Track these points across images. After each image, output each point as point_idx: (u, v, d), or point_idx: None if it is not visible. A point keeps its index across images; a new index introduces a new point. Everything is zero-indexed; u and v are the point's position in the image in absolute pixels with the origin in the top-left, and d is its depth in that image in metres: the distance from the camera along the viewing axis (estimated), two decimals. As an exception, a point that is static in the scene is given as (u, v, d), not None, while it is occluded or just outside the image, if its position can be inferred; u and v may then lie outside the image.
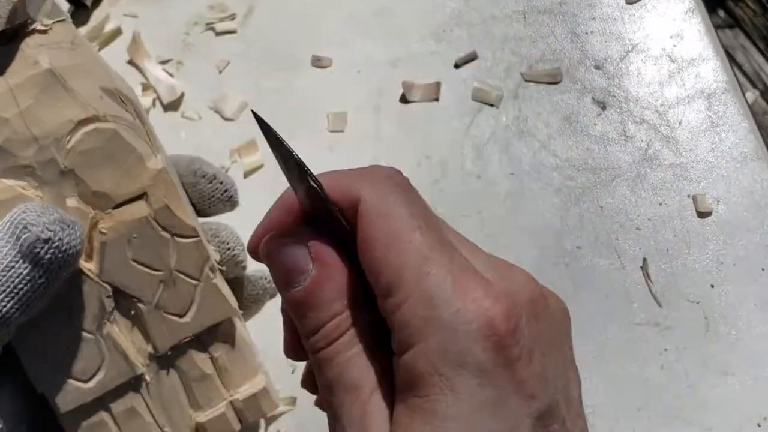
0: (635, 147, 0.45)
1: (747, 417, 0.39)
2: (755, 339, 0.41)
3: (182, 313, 0.28)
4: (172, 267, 0.28)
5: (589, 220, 0.43)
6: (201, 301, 0.28)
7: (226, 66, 0.47)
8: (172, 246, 0.28)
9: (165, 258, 0.28)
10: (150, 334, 0.28)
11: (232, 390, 0.30)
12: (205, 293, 0.28)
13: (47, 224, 0.23)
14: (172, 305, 0.28)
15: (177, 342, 0.28)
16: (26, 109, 0.26)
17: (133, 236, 0.27)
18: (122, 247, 0.27)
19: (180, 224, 0.28)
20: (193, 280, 0.28)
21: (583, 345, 0.40)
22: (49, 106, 0.26)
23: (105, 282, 0.27)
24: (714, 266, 0.42)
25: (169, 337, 0.28)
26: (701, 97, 0.47)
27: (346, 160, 0.45)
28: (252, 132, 0.45)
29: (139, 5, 0.49)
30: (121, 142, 0.27)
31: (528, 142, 0.45)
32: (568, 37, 0.48)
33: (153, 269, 0.28)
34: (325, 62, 0.47)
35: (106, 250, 0.27)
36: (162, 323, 0.28)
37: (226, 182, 0.33)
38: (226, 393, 0.30)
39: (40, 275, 0.24)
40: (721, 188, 0.44)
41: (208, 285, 0.28)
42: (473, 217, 0.43)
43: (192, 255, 0.28)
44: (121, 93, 0.28)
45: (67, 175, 0.26)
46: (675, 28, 0.49)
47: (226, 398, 0.30)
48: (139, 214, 0.27)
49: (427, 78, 0.47)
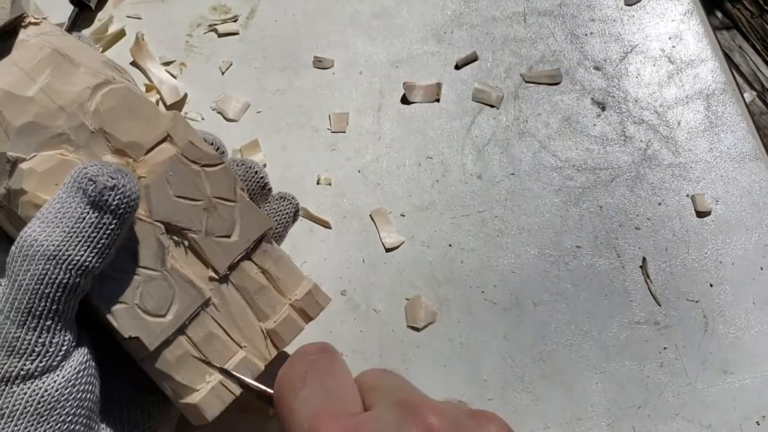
0: (634, 147, 0.46)
1: (746, 415, 0.39)
2: (754, 337, 0.41)
3: (229, 233, 0.31)
4: (210, 194, 0.30)
5: (589, 220, 0.44)
6: (242, 219, 0.31)
7: (228, 67, 0.47)
8: (204, 176, 0.30)
9: (201, 188, 0.30)
10: (207, 259, 0.30)
11: (289, 295, 0.32)
12: (243, 211, 0.31)
13: (110, 174, 0.26)
14: (219, 228, 0.30)
15: (232, 260, 0.31)
16: (46, 85, 0.28)
17: (169, 174, 0.29)
18: (163, 186, 0.29)
19: (206, 155, 0.30)
20: (229, 202, 0.31)
21: (582, 344, 0.41)
22: (65, 79, 0.29)
23: (157, 221, 0.29)
24: (713, 265, 0.43)
25: (225, 258, 0.30)
26: (700, 98, 0.47)
27: (348, 160, 0.45)
28: (254, 132, 0.45)
29: (142, 7, 0.49)
30: (134, 97, 0.30)
31: (528, 142, 0.46)
32: (567, 39, 0.49)
33: (194, 200, 0.30)
34: (327, 63, 0.48)
35: (150, 192, 0.29)
36: (215, 246, 0.30)
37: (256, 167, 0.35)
38: (284, 299, 0.32)
39: (110, 221, 0.26)
40: (720, 188, 0.44)
41: (244, 203, 0.31)
42: (474, 217, 0.44)
43: (223, 180, 0.31)
44: (116, 64, 0.31)
45: (97, 135, 0.29)
46: (674, 30, 0.49)
47: (286, 303, 0.32)
48: (168, 154, 0.30)
49: (428, 79, 0.47)
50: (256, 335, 0.31)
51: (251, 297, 0.31)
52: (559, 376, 0.40)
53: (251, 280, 0.31)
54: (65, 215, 0.25)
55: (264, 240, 0.32)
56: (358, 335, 0.41)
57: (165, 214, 0.29)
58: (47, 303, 0.25)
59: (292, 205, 0.35)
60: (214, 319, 0.30)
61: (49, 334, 0.25)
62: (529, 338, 0.41)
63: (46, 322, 0.25)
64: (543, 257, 0.43)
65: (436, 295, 0.42)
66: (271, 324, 0.31)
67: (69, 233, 0.25)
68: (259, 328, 0.31)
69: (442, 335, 0.41)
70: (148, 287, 0.29)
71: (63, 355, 0.26)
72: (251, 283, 0.31)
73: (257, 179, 0.33)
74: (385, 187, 0.44)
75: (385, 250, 0.43)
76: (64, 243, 0.25)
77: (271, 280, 0.32)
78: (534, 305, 0.42)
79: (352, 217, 0.43)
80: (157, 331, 0.29)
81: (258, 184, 0.34)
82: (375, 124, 0.46)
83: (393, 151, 0.45)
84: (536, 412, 0.39)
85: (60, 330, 0.26)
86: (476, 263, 0.42)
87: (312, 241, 0.43)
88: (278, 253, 0.32)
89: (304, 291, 0.32)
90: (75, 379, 0.26)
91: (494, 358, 0.40)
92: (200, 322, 0.30)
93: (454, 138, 0.46)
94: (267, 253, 0.32)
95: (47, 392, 0.25)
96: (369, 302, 0.41)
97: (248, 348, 0.31)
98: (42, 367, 0.25)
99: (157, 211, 0.29)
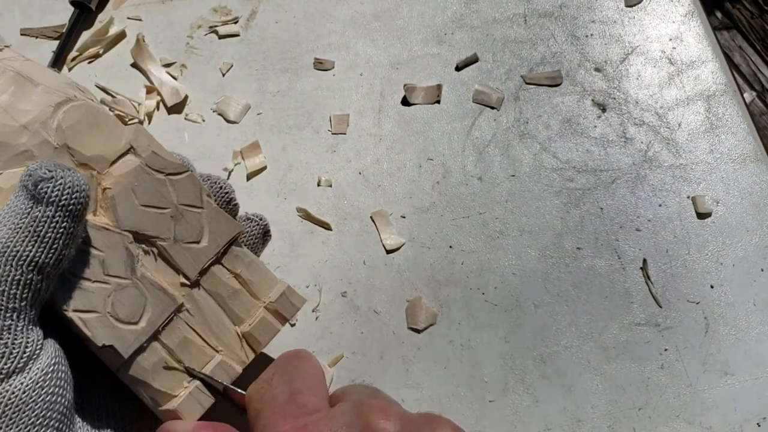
0: (635, 149, 0.46)
1: (747, 417, 0.39)
2: (755, 339, 0.41)
3: (198, 239, 0.31)
4: (176, 202, 0.31)
5: (590, 222, 0.44)
6: (210, 225, 0.31)
7: (229, 69, 0.47)
8: (170, 184, 0.31)
9: (167, 196, 0.31)
10: (177, 265, 0.31)
11: (263, 298, 0.33)
12: (211, 217, 0.32)
13: (47, 167, 0.26)
14: (188, 234, 0.31)
15: (203, 265, 0.31)
16: (8, 105, 0.30)
17: (134, 185, 0.30)
18: (129, 196, 0.30)
19: (170, 164, 0.31)
20: (196, 209, 0.31)
21: (583, 345, 0.41)
22: (27, 99, 0.30)
23: (124, 231, 0.30)
24: (713, 267, 0.43)
25: (195, 263, 0.31)
26: (700, 99, 0.47)
27: (348, 161, 0.45)
28: (255, 134, 0.45)
29: (142, 8, 0.49)
30: (96, 112, 0.31)
31: (528, 144, 0.46)
32: (568, 40, 0.49)
33: (161, 208, 0.31)
34: (328, 65, 0.48)
35: (116, 203, 0.30)
36: (185, 252, 0.31)
37: (222, 183, 0.35)
38: (258, 302, 0.32)
39: (53, 213, 0.26)
40: (721, 189, 0.44)
41: (211, 209, 0.32)
42: (474, 219, 0.44)
43: (189, 187, 0.31)
44: (78, 84, 0.32)
45: (61, 150, 0.30)
46: (674, 31, 0.49)
47: (260, 305, 0.32)
48: (132, 165, 0.30)
49: (429, 80, 0.47)
50: (232, 339, 0.32)
51: (225, 301, 0.32)
52: (560, 377, 0.40)
53: (224, 285, 0.32)
54: (11, 212, 0.26)
55: (234, 245, 0.32)
56: (359, 337, 0.41)
57: (132, 223, 0.30)
58: (3, 301, 0.25)
59: (259, 227, 0.35)
60: (189, 325, 0.31)
61: (11, 334, 0.25)
62: (529, 340, 0.41)
63: (5, 321, 0.25)
64: (544, 259, 0.43)
65: (436, 297, 0.42)
66: (246, 327, 0.32)
67: (15, 229, 0.26)
68: (235, 332, 0.32)
69: (442, 337, 0.41)
70: (119, 295, 0.29)
71: (29, 357, 0.26)
72: (224, 288, 0.32)
73: (222, 194, 0.34)
74: (385, 189, 0.44)
75: (386, 251, 0.43)
76: (11, 239, 0.26)
77: (243, 284, 0.32)
78: (534, 307, 0.42)
79: (353, 219, 0.43)
80: (130, 338, 0.29)
81: (223, 199, 0.34)
82: (375, 125, 0.46)
83: (393, 153, 0.45)
84: (537, 414, 0.39)
85: (22, 330, 0.26)
86: (477, 265, 0.42)
87: (312, 243, 0.43)
88: (250, 257, 0.33)
89: (278, 293, 0.32)
90: (43, 381, 0.26)
91: (495, 360, 0.40)
92: (174, 328, 0.30)
93: (454, 140, 0.46)
94: (238, 257, 0.32)
95: (14, 395, 0.25)
96: (370, 304, 0.41)
97: (224, 352, 0.31)
98: (7, 369, 0.25)
99: (124, 221, 0.30)
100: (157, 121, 0.46)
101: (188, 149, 0.45)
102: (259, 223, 0.35)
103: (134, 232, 0.30)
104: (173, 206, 0.31)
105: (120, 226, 0.30)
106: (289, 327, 0.41)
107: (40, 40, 0.48)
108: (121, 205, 0.30)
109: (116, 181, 0.30)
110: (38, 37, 0.48)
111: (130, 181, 0.30)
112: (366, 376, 0.40)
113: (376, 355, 0.40)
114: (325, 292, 0.42)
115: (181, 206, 0.31)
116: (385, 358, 0.40)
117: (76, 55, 0.47)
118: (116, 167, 0.30)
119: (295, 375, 0.28)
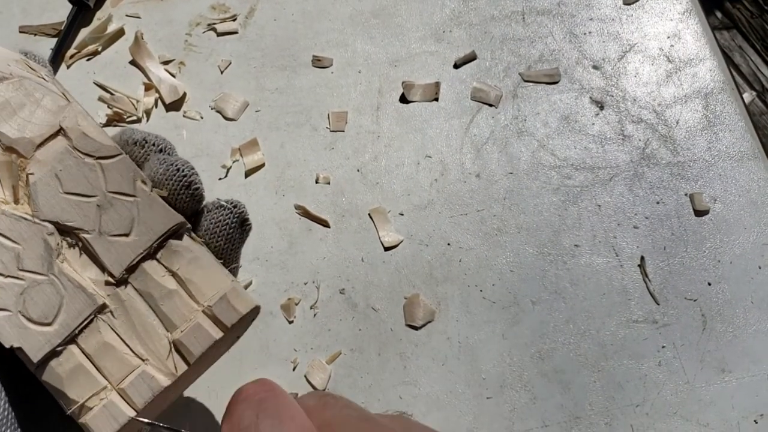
0: (633, 146, 0.46)
1: (744, 414, 0.40)
2: (752, 336, 0.41)
3: (127, 231, 0.27)
4: (105, 189, 0.27)
5: (587, 219, 0.44)
6: (142, 216, 0.28)
7: (227, 66, 0.47)
8: (99, 169, 0.28)
9: (95, 182, 0.27)
10: (102, 262, 0.27)
11: (203, 300, 0.28)
12: (144, 207, 0.28)
13: None
14: (115, 226, 0.27)
15: (130, 262, 0.27)
16: None
17: (59, 170, 0.27)
18: (51, 183, 0.27)
19: (101, 147, 0.28)
20: (128, 197, 0.28)
21: (581, 343, 0.41)
22: None
23: (44, 221, 0.27)
24: (711, 264, 0.43)
25: (120, 259, 0.27)
26: (698, 97, 0.47)
27: (347, 159, 0.45)
28: (253, 131, 0.45)
29: (141, 6, 0.49)
30: (27, 92, 0.28)
31: (527, 141, 0.46)
32: (566, 38, 0.49)
33: (86, 196, 0.27)
34: (326, 62, 0.48)
35: (37, 190, 0.27)
36: (110, 247, 0.27)
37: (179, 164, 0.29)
38: (196, 305, 0.28)
39: None
40: (718, 187, 0.44)
41: (145, 198, 0.28)
42: (472, 216, 0.44)
43: (121, 173, 0.28)
44: (29, 62, 0.29)
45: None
46: (672, 29, 0.49)
47: (198, 309, 0.28)
48: (59, 147, 0.27)
49: (427, 78, 0.47)
50: (161, 347, 0.27)
51: (156, 303, 0.28)
52: (558, 374, 0.40)
53: (156, 285, 0.28)
54: None
55: (174, 238, 0.28)
56: (357, 334, 0.41)
57: (53, 213, 0.27)
58: None
59: (233, 215, 0.30)
60: (112, 329, 0.27)
61: None
62: (527, 337, 0.41)
63: None
64: (541, 256, 0.43)
65: (434, 294, 0.42)
66: (177, 334, 0.27)
67: None
68: (165, 338, 0.28)
69: (440, 334, 0.41)
70: (32, 293, 0.26)
71: None
72: (156, 288, 0.28)
73: (178, 178, 0.28)
74: (383, 186, 0.44)
75: (384, 248, 0.43)
76: None
77: (181, 283, 0.28)
78: (532, 304, 0.42)
79: (351, 216, 0.43)
80: (41, 341, 0.26)
81: (180, 183, 0.28)
82: (374, 123, 0.46)
83: (392, 150, 0.45)
84: (535, 411, 0.39)
85: None
86: (475, 262, 0.42)
87: (311, 240, 0.43)
88: (195, 253, 0.28)
89: (219, 295, 0.28)
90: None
91: (493, 357, 0.40)
92: (94, 332, 0.27)
93: (452, 137, 0.46)
94: (178, 253, 0.28)
95: None
96: (368, 301, 0.41)
97: (151, 361, 0.27)
98: None
99: (43, 211, 0.27)
100: (155, 119, 0.46)
101: (186, 146, 0.45)
102: (233, 211, 0.30)
103: (55, 223, 0.27)
104: (101, 194, 0.27)
105: (39, 216, 0.27)
106: (287, 324, 0.41)
107: (38, 37, 0.48)
108: (42, 192, 0.27)
109: (39, 166, 0.27)
110: (37, 34, 0.48)
111: (54, 165, 0.27)
112: (364, 373, 0.40)
113: (374, 352, 0.40)
114: (323, 289, 0.42)
115: (109, 194, 0.27)
116: (383, 355, 0.40)
117: (74, 52, 0.47)
118: (42, 151, 0.27)
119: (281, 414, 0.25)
